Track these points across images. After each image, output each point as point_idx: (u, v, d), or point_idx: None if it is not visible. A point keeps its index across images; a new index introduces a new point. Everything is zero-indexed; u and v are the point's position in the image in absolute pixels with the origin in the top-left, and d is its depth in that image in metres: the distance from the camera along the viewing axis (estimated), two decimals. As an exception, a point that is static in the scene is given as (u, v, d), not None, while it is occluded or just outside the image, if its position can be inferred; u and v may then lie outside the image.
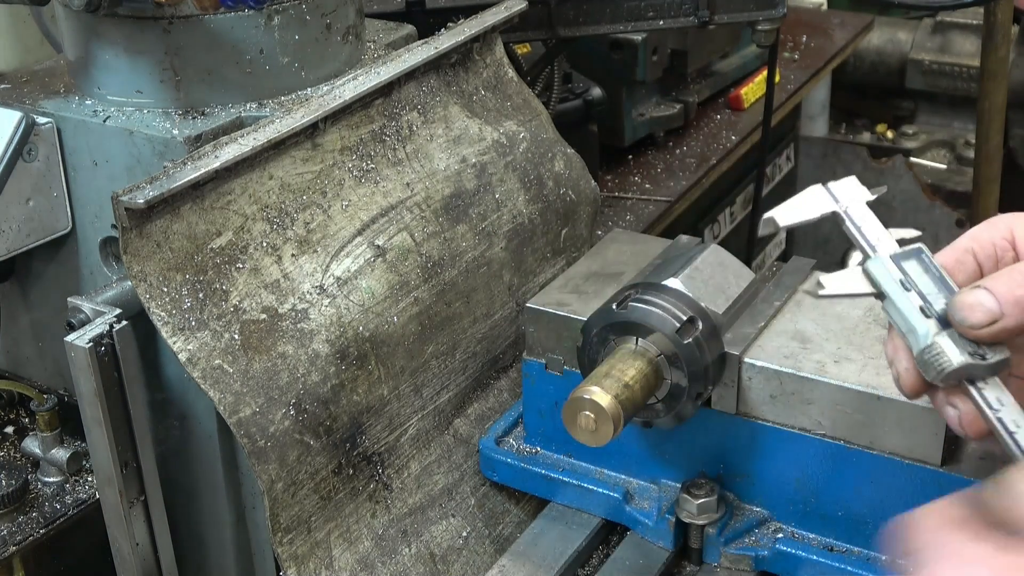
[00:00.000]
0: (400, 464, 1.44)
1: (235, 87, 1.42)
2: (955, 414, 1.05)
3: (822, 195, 1.15)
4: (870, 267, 1.09)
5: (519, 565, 1.42)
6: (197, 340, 1.23)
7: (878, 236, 1.11)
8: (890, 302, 1.07)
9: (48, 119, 1.41)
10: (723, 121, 2.84)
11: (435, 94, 1.55)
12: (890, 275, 1.07)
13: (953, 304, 1.03)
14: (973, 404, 1.04)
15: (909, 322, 1.05)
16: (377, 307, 1.38)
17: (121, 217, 1.21)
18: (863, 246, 1.11)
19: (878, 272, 1.08)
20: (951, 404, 1.05)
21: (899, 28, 4.14)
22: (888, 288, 1.07)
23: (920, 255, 1.08)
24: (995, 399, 1.03)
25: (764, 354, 1.35)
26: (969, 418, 1.04)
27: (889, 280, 1.07)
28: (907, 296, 1.06)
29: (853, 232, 1.12)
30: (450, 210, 1.49)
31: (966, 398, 1.04)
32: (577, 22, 2.03)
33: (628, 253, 1.56)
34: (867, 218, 1.13)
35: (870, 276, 1.09)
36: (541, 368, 1.46)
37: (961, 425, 1.05)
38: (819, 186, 1.15)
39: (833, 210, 1.14)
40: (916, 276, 1.07)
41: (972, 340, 1.03)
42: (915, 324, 1.05)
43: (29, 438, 1.53)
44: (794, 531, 1.38)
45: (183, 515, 1.44)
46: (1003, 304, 1.01)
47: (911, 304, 1.05)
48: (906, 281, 1.06)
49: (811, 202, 1.15)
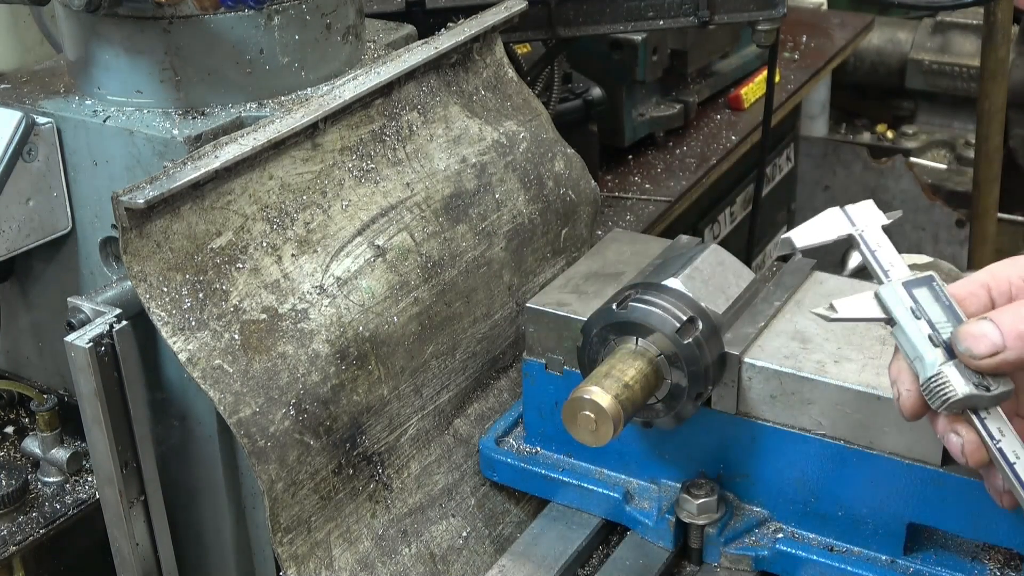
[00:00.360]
0: (400, 464, 1.44)
1: (235, 87, 1.42)
2: (958, 442, 1.07)
3: (839, 217, 1.18)
4: (882, 293, 1.11)
5: (519, 565, 1.42)
6: (197, 340, 1.23)
7: (891, 261, 1.14)
8: (900, 328, 1.09)
9: (48, 119, 1.41)
10: (723, 121, 2.84)
11: (435, 94, 1.55)
12: (901, 302, 1.10)
13: (958, 334, 1.06)
14: (975, 433, 1.06)
15: (917, 349, 1.07)
16: (377, 307, 1.38)
17: (121, 217, 1.21)
18: (876, 271, 1.14)
19: (890, 298, 1.11)
20: (955, 432, 1.08)
21: (899, 28, 4.14)
22: (898, 315, 1.09)
23: (931, 283, 1.10)
24: (996, 429, 1.06)
25: (764, 354, 1.35)
26: (972, 447, 1.07)
27: (900, 307, 1.10)
28: (917, 324, 1.08)
29: (867, 256, 1.15)
30: (450, 210, 1.49)
31: (969, 427, 1.07)
32: (577, 22, 2.03)
33: (628, 253, 1.56)
34: (882, 243, 1.15)
35: (881, 302, 1.11)
36: (541, 368, 1.46)
37: (963, 454, 1.07)
38: (836, 209, 1.18)
39: (849, 233, 1.16)
40: (926, 304, 1.09)
41: (975, 371, 1.05)
42: (923, 352, 1.07)
43: (29, 438, 1.53)
44: (794, 531, 1.38)
45: (183, 515, 1.44)
46: (1007, 337, 1.04)
47: (920, 332, 1.08)
48: (916, 309, 1.09)
49: (828, 224, 1.18)
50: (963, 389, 1.05)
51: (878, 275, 1.13)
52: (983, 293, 1.10)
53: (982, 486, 1.25)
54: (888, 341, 1.35)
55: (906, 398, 1.09)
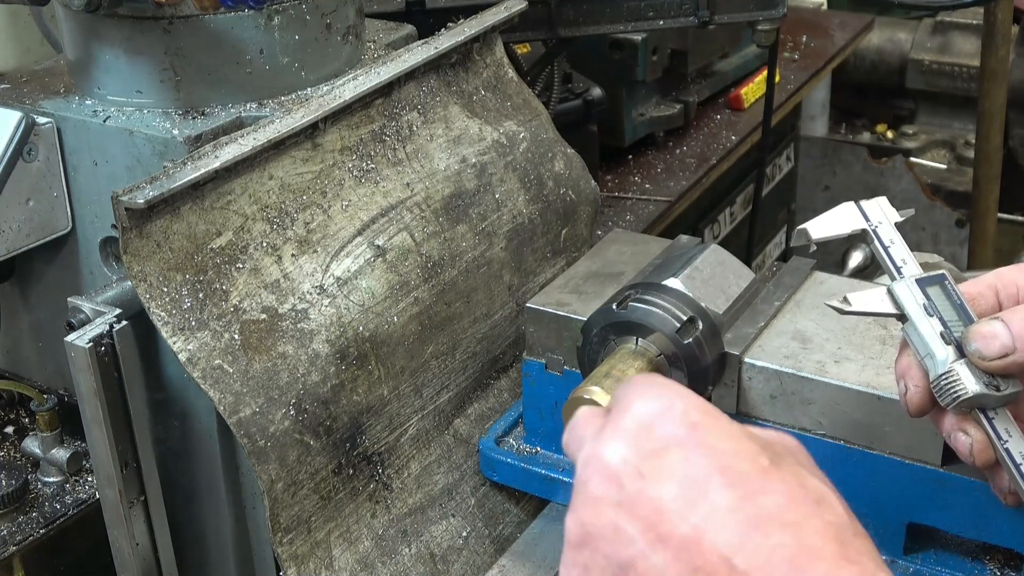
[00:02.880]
0: (400, 464, 1.44)
1: (235, 87, 1.42)
2: (967, 441, 1.08)
3: (853, 212, 1.18)
4: (895, 289, 1.12)
5: (519, 565, 1.42)
6: (197, 340, 1.23)
7: (904, 258, 1.14)
8: (911, 325, 1.09)
9: (48, 119, 1.41)
10: (723, 121, 2.84)
11: (435, 94, 1.55)
12: (914, 298, 1.10)
13: (969, 333, 1.06)
14: (983, 433, 1.07)
15: (928, 346, 1.08)
16: (377, 307, 1.38)
17: (121, 217, 1.21)
18: (889, 267, 1.14)
19: (903, 294, 1.11)
20: (963, 431, 1.08)
21: (899, 28, 4.14)
22: (911, 311, 1.10)
23: (943, 281, 1.11)
24: (1004, 430, 1.06)
25: (764, 354, 1.35)
26: (980, 447, 1.07)
27: (912, 303, 1.10)
28: (929, 321, 1.09)
29: (880, 252, 1.15)
30: (450, 210, 1.49)
31: (977, 427, 1.07)
32: (577, 22, 2.03)
33: (628, 253, 1.56)
34: (895, 239, 1.16)
35: (894, 297, 1.12)
36: (541, 368, 1.46)
37: (971, 453, 1.08)
38: (851, 203, 1.18)
39: (863, 228, 1.17)
40: (938, 302, 1.10)
41: (984, 371, 1.05)
42: (934, 349, 1.07)
43: (29, 438, 1.53)
44: (794, 531, 1.38)
45: (183, 515, 1.44)
46: (1017, 339, 1.04)
47: (932, 329, 1.08)
48: (928, 306, 1.09)
49: (842, 218, 1.18)
50: (974, 388, 1.05)
51: (890, 271, 1.13)
52: (991, 295, 1.10)
53: (982, 486, 1.25)
54: (888, 341, 1.35)
55: (913, 394, 1.10)
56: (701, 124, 2.81)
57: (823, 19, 3.45)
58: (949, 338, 1.07)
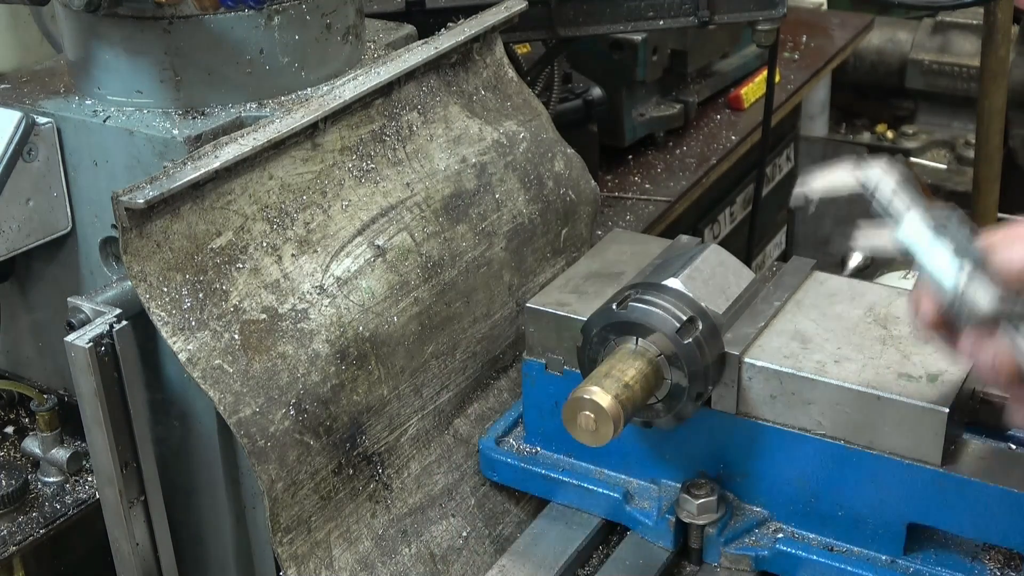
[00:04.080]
0: (400, 464, 1.44)
1: (235, 87, 1.42)
2: (989, 357, 1.07)
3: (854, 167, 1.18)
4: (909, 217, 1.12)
5: (519, 565, 1.42)
6: (197, 340, 1.23)
7: (913, 198, 1.14)
8: (924, 250, 1.10)
9: (48, 119, 1.41)
10: (723, 121, 2.84)
11: (435, 94, 1.55)
12: (925, 224, 1.11)
13: (993, 244, 1.07)
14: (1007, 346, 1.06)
15: (943, 267, 1.08)
16: (377, 307, 1.38)
17: (121, 217, 1.21)
18: (897, 208, 1.14)
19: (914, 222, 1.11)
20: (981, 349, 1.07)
21: (899, 28, 4.14)
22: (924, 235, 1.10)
23: (956, 212, 1.12)
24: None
25: (764, 354, 1.35)
26: (1004, 359, 1.06)
27: (924, 229, 1.11)
28: (943, 241, 1.09)
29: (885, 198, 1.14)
30: (450, 210, 1.49)
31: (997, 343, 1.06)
32: (577, 22, 2.03)
33: (628, 253, 1.56)
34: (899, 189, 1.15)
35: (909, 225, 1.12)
36: (541, 368, 1.46)
37: (994, 368, 1.07)
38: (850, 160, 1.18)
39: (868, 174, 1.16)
40: (950, 226, 1.10)
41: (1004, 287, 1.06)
42: (952, 266, 1.08)
43: (29, 438, 1.53)
44: (794, 531, 1.38)
45: (183, 515, 1.44)
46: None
47: (947, 248, 1.09)
48: (939, 228, 1.10)
49: (843, 172, 1.18)
50: (994, 300, 1.05)
51: (899, 211, 1.13)
52: None
53: (982, 486, 1.26)
54: (888, 341, 1.35)
55: (926, 312, 1.10)
56: (701, 124, 2.81)
57: (823, 19, 3.45)
58: (964, 253, 1.08)
